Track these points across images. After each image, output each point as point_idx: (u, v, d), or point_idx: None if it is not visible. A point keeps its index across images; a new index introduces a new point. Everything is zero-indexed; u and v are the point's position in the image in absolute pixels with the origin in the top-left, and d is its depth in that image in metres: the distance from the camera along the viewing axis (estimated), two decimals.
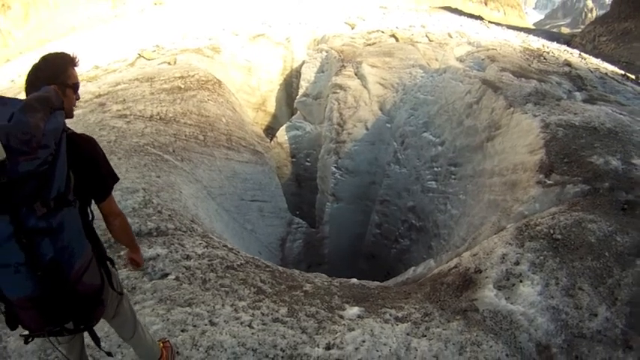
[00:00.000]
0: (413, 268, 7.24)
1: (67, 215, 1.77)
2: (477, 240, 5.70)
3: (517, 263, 4.03)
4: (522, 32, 22.69)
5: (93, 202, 2.12)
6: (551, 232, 4.36)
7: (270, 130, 15.07)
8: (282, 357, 3.16)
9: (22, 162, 1.56)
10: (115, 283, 2.27)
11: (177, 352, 3.15)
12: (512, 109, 7.71)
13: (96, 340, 2.14)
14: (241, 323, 3.48)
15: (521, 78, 9.29)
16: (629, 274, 3.75)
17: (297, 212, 12.40)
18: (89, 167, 1.99)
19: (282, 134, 13.52)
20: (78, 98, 2.10)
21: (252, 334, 3.35)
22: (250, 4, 19.19)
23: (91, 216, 2.01)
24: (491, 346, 3.16)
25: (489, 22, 26.06)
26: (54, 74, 1.95)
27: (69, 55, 2.03)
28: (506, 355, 3.09)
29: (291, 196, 12.84)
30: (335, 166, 11.33)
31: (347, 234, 11.68)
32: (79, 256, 1.87)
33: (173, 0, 18.93)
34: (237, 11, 18.16)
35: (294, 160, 13.59)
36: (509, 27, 26.81)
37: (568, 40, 28.92)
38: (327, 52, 13.74)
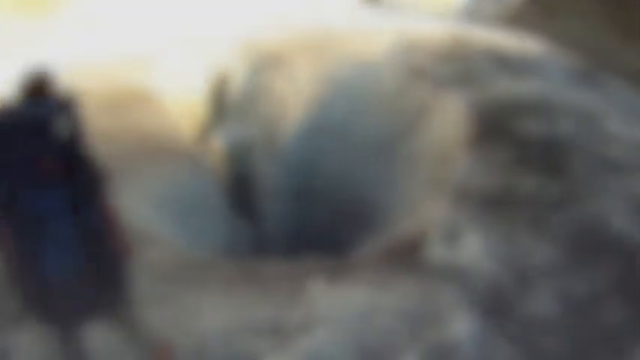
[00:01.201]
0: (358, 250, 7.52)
1: None
2: (416, 214, 6.05)
3: (456, 222, 4.39)
4: (449, 17, 23.35)
5: None
6: (484, 193, 4.77)
7: (204, 137, 14.90)
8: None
9: None
10: None
11: None
12: (438, 90, 8.19)
13: None
14: None
15: (446, 62, 9.78)
16: (565, 217, 4.22)
17: (237, 216, 12.37)
18: None
19: (215, 140, 13.40)
20: None
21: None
22: (178, 12, 18.88)
23: None
24: (446, 289, 3.48)
25: (416, 10, 26.63)
26: None
27: None
28: (462, 294, 3.42)
29: (230, 199, 12.78)
30: (270, 167, 11.40)
31: (287, 233, 11.78)
32: None
33: (103, 10, 18.24)
34: (167, 19, 17.80)
35: (229, 164, 13.50)
36: (436, 13, 27.53)
37: (497, 21, 29.52)
38: (256, 54, 13.74)
